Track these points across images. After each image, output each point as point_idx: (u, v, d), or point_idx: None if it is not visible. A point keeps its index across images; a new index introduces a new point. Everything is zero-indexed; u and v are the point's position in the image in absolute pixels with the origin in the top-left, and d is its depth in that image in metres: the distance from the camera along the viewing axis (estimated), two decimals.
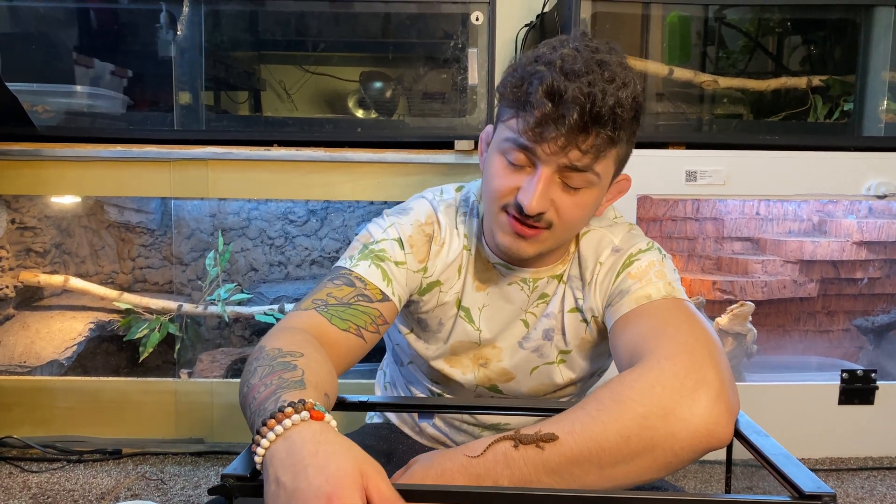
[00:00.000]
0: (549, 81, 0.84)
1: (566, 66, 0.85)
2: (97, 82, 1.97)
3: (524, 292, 1.04)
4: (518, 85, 0.88)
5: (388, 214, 1.05)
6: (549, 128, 0.85)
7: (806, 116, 1.96)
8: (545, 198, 0.89)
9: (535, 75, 0.86)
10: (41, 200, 2.12)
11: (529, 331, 1.05)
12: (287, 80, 2.18)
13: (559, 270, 1.03)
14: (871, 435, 1.85)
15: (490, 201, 0.95)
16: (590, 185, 0.91)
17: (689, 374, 0.76)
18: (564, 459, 0.73)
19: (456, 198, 1.07)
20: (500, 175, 0.92)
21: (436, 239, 1.03)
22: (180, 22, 1.86)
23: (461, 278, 1.04)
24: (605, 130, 0.85)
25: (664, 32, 1.99)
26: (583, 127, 0.84)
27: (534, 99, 0.85)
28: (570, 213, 0.91)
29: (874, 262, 2.15)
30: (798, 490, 0.62)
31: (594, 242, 1.02)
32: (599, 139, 0.86)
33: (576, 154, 0.86)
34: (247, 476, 0.63)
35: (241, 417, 0.78)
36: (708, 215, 2.19)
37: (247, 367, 0.80)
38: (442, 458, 0.76)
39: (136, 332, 1.95)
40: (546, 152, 0.87)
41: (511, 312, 1.05)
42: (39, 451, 1.76)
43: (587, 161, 0.87)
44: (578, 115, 0.83)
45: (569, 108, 0.83)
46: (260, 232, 2.26)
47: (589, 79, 0.84)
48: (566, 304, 1.03)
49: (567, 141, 0.85)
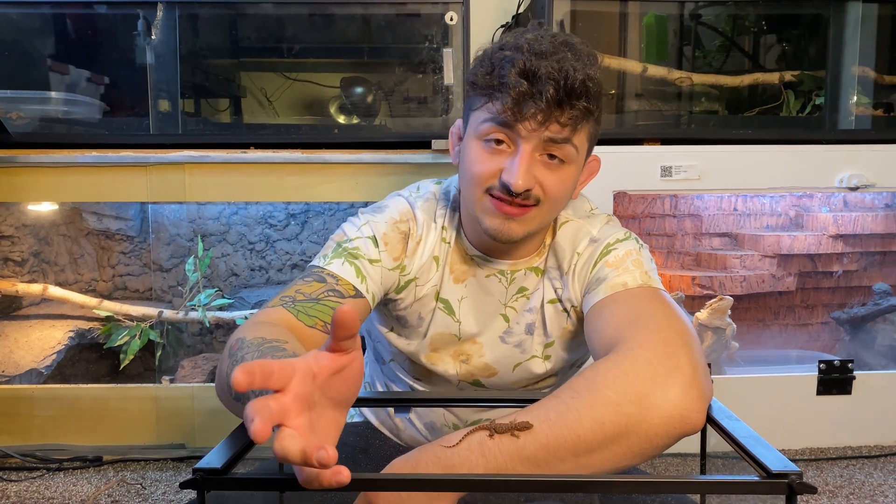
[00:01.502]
0: (521, 63, 0.88)
1: (534, 48, 0.89)
2: (73, 89, 1.96)
3: (502, 284, 1.04)
4: (489, 71, 0.91)
5: (363, 213, 1.05)
6: (527, 104, 0.88)
7: (779, 111, 1.99)
8: (530, 174, 0.91)
9: (506, 60, 0.90)
10: (17, 208, 2.10)
11: (511, 325, 1.05)
12: (268, 86, 2.19)
13: (536, 262, 1.04)
14: (849, 424, 1.88)
15: (472, 187, 0.95)
16: (570, 160, 0.93)
17: (662, 361, 0.77)
18: (539, 447, 0.73)
19: (435, 192, 1.07)
20: (480, 160, 0.93)
21: (412, 236, 1.03)
22: (154, 27, 1.86)
23: (439, 270, 1.04)
24: (581, 102, 0.89)
25: (641, 31, 2.01)
26: (559, 101, 0.88)
27: (508, 80, 0.88)
28: (554, 188, 0.93)
29: (850, 254, 2.18)
30: (766, 469, 0.62)
31: (571, 233, 1.03)
32: (576, 111, 0.89)
33: (555, 127, 0.90)
34: (219, 469, 0.63)
35: (223, 422, 0.77)
36: (686, 212, 2.21)
37: (228, 358, 0.79)
38: (417, 451, 0.76)
39: (117, 340, 1.94)
40: (527, 129, 0.90)
41: (490, 305, 1.05)
42: (19, 459, 1.74)
43: (567, 133, 0.90)
44: (554, 90, 0.87)
45: (544, 84, 0.87)
46: (240, 237, 2.25)
47: (558, 57, 0.88)
48: (546, 295, 1.03)
49: (545, 116, 0.88)
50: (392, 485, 0.67)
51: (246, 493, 0.91)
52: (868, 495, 1.61)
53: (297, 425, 0.56)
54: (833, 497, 1.60)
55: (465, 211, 1.02)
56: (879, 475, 1.72)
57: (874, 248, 2.18)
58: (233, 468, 0.64)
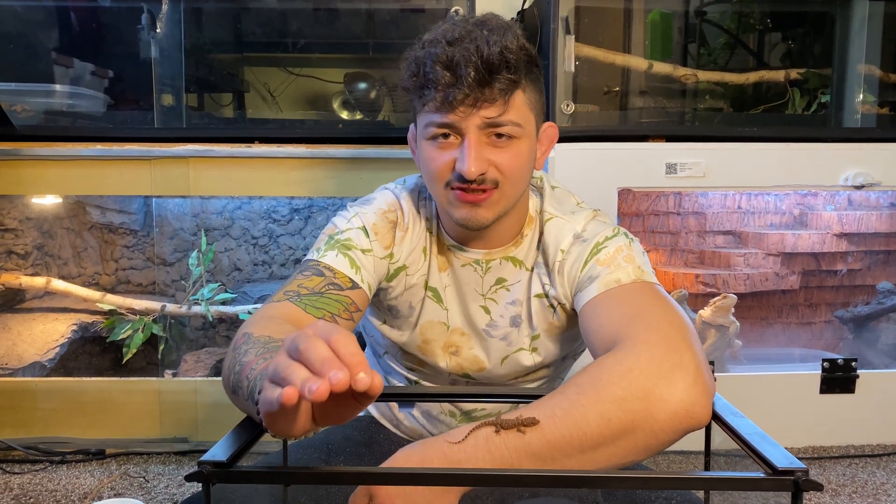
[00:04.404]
0: (439, 54, 0.91)
1: (448, 37, 0.92)
2: (77, 82, 1.96)
3: (478, 274, 1.06)
4: (415, 73, 0.94)
5: (352, 206, 1.08)
6: (453, 93, 0.90)
7: (784, 109, 1.98)
8: (481, 158, 0.93)
9: (427, 56, 0.93)
10: (21, 202, 2.10)
11: (493, 318, 1.06)
12: (271, 81, 2.19)
13: (512, 252, 1.05)
14: (853, 423, 1.87)
15: (434, 183, 0.98)
16: (518, 135, 0.95)
17: (665, 357, 0.77)
18: (546, 443, 0.73)
19: (417, 184, 1.10)
20: (434, 157, 0.96)
21: (399, 224, 1.05)
22: (159, 20, 1.85)
23: (426, 260, 1.06)
24: (504, 74, 0.91)
25: (646, 28, 2.01)
26: (481, 80, 0.90)
27: (432, 76, 0.91)
28: (509, 165, 0.95)
29: (854, 253, 2.18)
30: (771, 466, 0.62)
31: (555, 230, 1.04)
32: (501, 84, 0.91)
33: (487, 106, 0.91)
34: (224, 462, 0.63)
35: (226, 415, 0.77)
36: (690, 209, 2.21)
37: (233, 352, 0.80)
38: (423, 446, 0.77)
39: (120, 334, 1.94)
40: (461, 116, 0.92)
41: (468, 295, 1.07)
42: (22, 452, 1.74)
43: (500, 109, 0.92)
44: (474, 70, 0.89)
45: (462, 68, 0.90)
46: (243, 231, 2.25)
47: (471, 38, 0.91)
48: (533, 289, 1.04)
49: (474, 99, 0.91)
50: (399, 479, 0.67)
51: (250, 486, 0.91)
52: (871, 494, 1.61)
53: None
54: (836, 496, 1.60)
55: (437, 205, 1.05)
56: (882, 474, 1.71)
57: (878, 246, 2.17)
58: (238, 461, 0.64)
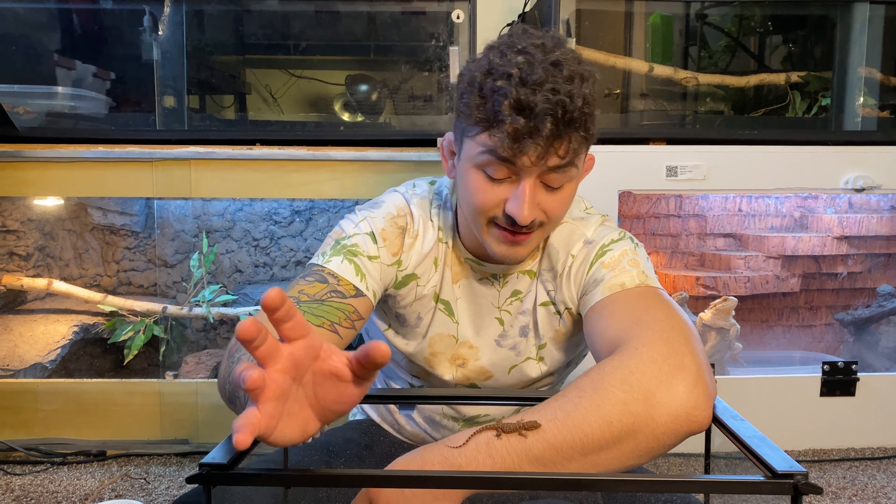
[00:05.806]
0: (515, 95, 0.85)
1: (525, 77, 0.85)
2: (79, 84, 1.96)
3: (494, 287, 1.05)
4: (481, 104, 0.88)
5: (360, 209, 1.05)
6: (525, 141, 0.86)
7: (785, 112, 1.99)
8: (534, 205, 0.91)
9: (498, 92, 0.86)
10: (23, 203, 2.10)
11: (505, 329, 1.06)
12: (273, 83, 2.19)
13: (529, 265, 1.04)
14: (853, 426, 1.87)
15: (475, 215, 0.95)
16: (570, 180, 0.93)
17: (666, 360, 0.77)
18: (547, 447, 0.73)
19: (429, 191, 1.08)
20: (483, 190, 0.92)
21: (409, 231, 1.03)
22: (161, 22, 1.86)
23: (438, 271, 1.05)
24: (580, 132, 0.88)
25: (646, 31, 2.01)
26: (558, 134, 0.86)
27: (503, 116, 0.86)
28: (555, 209, 0.94)
29: (854, 256, 2.18)
30: (771, 470, 0.62)
31: (565, 235, 1.03)
32: (575, 141, 0.88)
33: (555, 159, 0.88)
34: (225, 464, 0.63)
35: (227, 418, 0.78)
36: (691, 212, 2.21)
37: (229, 358, 0.80)
38: (423, 450, 0.77)
39: (121, 335, 1.94)
40: (527, 163, 0.88)
41: (483, 307, 1.06)
42: (23, 453, 1.75)
43: (566, 161, 0.89)
44: (552, 125, 0.85)
45: (541, 119, 0.85)
46: (245, 233, 2.25)
47: (551, 85, 0.85)
48: (538, 298, 1.04)
49: (545, 150, 0.87)
50: (400, 481, 0.67)
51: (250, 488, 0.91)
52: (871, 497, 1.61)
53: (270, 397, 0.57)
54: (836, 499, 1.60)
55: (464, 223, 1.02)
56: (883, 477, 1.71)
57: (879, 249, 2.18)
58: (239, 463, 0.64)
